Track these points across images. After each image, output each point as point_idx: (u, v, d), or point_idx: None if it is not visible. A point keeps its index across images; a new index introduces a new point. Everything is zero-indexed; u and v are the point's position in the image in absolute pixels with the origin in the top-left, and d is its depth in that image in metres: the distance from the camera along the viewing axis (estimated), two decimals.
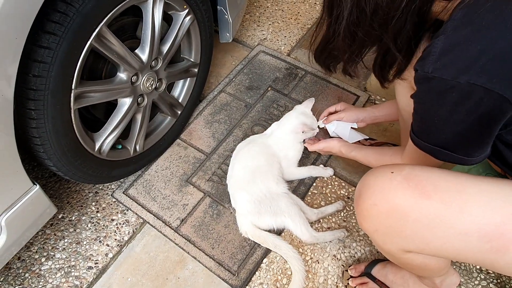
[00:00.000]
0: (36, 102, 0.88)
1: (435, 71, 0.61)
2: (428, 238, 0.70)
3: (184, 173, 1.41)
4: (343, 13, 0.70)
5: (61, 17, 0.84)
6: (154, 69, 1.20)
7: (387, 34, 0.69)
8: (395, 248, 0.79)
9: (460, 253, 0.70)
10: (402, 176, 0.70)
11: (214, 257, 1.21)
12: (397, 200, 0.70)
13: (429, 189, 0.68)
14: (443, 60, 0.60)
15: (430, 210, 0.67)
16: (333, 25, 0.74)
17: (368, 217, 0.76)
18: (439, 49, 0.60)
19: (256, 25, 1.94)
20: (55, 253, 1.22)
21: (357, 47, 0.76)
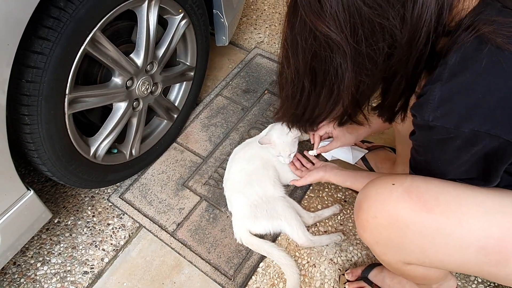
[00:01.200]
0: (30, 107, 0.87)
1: (435, 119, 0.59)
2: (428, 250, 0.70)
3: (180, 177, 1.40)
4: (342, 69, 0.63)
5: (54, 23, 0.84)
6: (149, 73, 1.20)
7: (398, 76, 0.65)
8: (395, 260, 0.78)
9: (460, 265, 0.70)
10: (403, 188, 0.70)
11: (210, 261, 1.21)
12: (397, 213, 0.69)
13: (430, 202, 0.67)
14: (443, 109, 0.58)
15: (430, 223, 0.67)
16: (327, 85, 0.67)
17: (368, 229, 0.76)
18: (437, 97, 0.59)
19: (253, 28, 1.94)
20: (51, 258, 1.22)
21: (363, 97, 0.70)
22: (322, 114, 0.74)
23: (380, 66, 0.62)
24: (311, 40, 0.62)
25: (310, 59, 0.65)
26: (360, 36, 0.59)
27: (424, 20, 0.57)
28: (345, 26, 0.59)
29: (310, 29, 0.62)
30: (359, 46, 0.60)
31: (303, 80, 0.69)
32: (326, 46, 0.62)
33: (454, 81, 0.58)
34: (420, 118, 0.61)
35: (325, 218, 1.29)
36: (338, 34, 0.59)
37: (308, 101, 0.72)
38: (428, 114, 0.60)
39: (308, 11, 0.61)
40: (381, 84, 0.69)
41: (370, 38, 0.59)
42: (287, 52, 0.68)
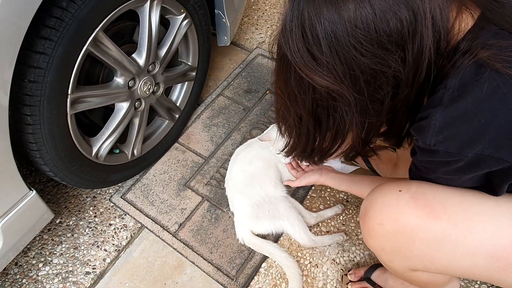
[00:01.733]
0: (32, 107, 0.87)
1: (438, 144, 0.59)
2: (435, 257, 0.70)
3: (182, 177, 1.40)
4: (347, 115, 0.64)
5: (57, 23, 0.84)
6: (151, 73, 1.19)
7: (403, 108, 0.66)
8: (402, 267, 0.78)
9: (467, 272, 0.70)
10: (410, 195, 0.69)
11: (212, 261, 1.21)
12: (404, 220, 0.69)
13: (437, 209, 0.67)
14: (445, 134, 0.58)
15: (437, 231, 0.66)
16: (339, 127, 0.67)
17: (374, 236, 0.75)
18: (438, 121, 0.58)
19: (255, 28, 1.94)
20: (53, 259, 1.22)
21: (370, 134, 0.70)
22: (330, 152, 0.75)
23: (386, 106, 0.63)
24: (311, 92, 0.62)
25: (312, 108, 0.65)
26: (361, 84, 0.59)
27: (424, 54, 0.57)
28: (344, 77, 0.59)
29: (308, 83, 0.61)
30: (361, 94, 0.60)
31: (307, 125, 0.69)
32: (327, 96, 0.62)
33: (455, 106, 0.57)
34: (422, 142, 0.61)
35: (327, 218, 1.28)
36: (339, 85, 0.59)
37: (314, 143, 0.73)
38: (430, 138, 0.59)
39: (302, 67, 0.60)
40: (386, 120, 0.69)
41: (373, 84, 0.59)
42: (285, 101, 0.68)
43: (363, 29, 0.56)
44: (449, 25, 0.58)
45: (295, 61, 0.60)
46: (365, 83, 0.59)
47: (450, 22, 0.58)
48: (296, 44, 0.60)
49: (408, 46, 0.57)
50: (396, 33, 0.56)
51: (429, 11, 0.56)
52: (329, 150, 0.75)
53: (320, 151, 0.76)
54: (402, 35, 0.56)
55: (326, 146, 0.73)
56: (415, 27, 0.56)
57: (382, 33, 0.56)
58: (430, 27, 0.56)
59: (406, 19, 0.55)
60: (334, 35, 0.57)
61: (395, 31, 0.56)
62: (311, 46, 0.58)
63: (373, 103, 0.62)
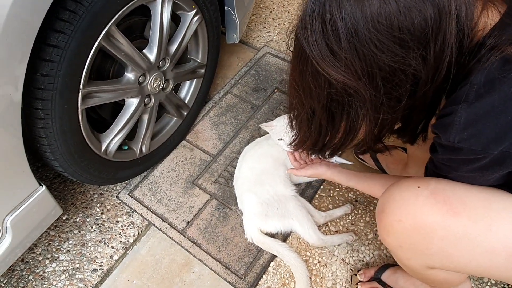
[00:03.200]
0: (44, 101, 0.86)
1: (462, 141, 0.58)
2: (454, 255, 0.68)
3: (190, 175, 1.39)
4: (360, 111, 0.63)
5: (71, 16, 0.83)
6: (161, 69, 1.18)
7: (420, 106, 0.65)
8: (419, 265, 0.77)
9: (485, 271, 0.69)
10: (429, 191, 0.68)
11: (220, 260, 1.20)
12: (424, 217, 0.68)
13: (457, 206, 0.66)
14: (470, 131, 0.57)
15: (457, 228, 0.65)
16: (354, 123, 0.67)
17: (392, 233, 0.74)
18: (463, 118, 0.57)
19: (262, 26, 1.93)
20: (59, 255, 1.21)
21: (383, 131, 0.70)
22: (342, 147, 0.74)
23: (403, 103, 0.62)
24: (327, 86, 0.61)
25: (327, 102, 0.64)
26: (379, 81, 0.58)
27: (446, 52, 0.56)
28: (362, 74, 0.58)
29: (325, 77, 0.60)
30: (378, 91, 0.59)
31: (320, 120, 0.68)
32: (343, 92, 0.61)
33: (481, 103, 0.56)
34: (445, 139, 0.60)
35: (337, 218, 1.28)
36: (356, 81, 0.58)
37: (325, 137, 0.72)
38: (454, 135, 0.58)
39: (320, 61, 0.59)
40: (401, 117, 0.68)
41: (391, 82, 0.59)
42: (299, 94, 0.67)
43: (386, 25, 0.55)
44: (473, 23, 0.57)
45: (312, 55, 0.60)
46: (382, 80, 0.58)
47: (474, 19, 0.57)
48: (315, 38, 0.59)
49: (430, 45, 0.56)
50: (420, 31, 0.55)
51: (454, 9, 0.55)
52: (341, 145, 0.74)
53: (332, 145, 0.75)
54: (426, 33, 0.55)
55: (337, 141, 0.73)
56: (439, 25, 0.55)
57: (405, 31, 0.55)
58: (454, 25, 0.55)
59: (431, 17, 0.54)
60: (355, 30, 0.56)
61: (419, 28, 0.55)
62: (331, 41, 0.58)
63: (390, 100, 0.61)
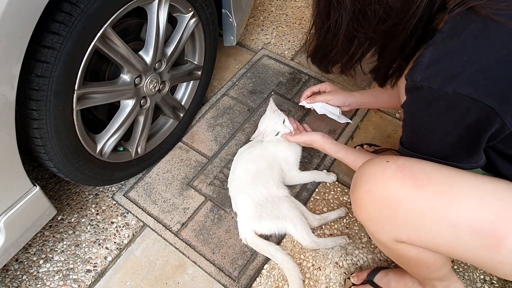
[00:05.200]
0: (39, 102, 0.87)
1: (423, 80, 0.62)
2: (419, 228, 0.71)
3: (185, 177, 1.39)
4: (342, 19, 0.70)
5: (66, 17, 0.83)
6: (157, 71, 1.19)
7: (393, 42, 0.70)
8: (387, 238, 0.79)
9: (451, 247, 0.71)
10: (397, 166, 0.72)
11: (214, 262, 1.20)
12: (389, 189, 0.71)
13: (422, 180, 0.69)
14: (431, 70, 0.61)
15: (421, 201, 0.69)
16: (331, 30, 0.74)
17: (362, 205, 0.78)
18: (427, 59, 0.62)
19: (260, 29, 1.94)
20: (54, 256, 1.21)
21: (356, 51, 0.76)
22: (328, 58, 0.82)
23: (373, 27, 0.68)
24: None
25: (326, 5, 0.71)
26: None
27: None
28: None
29: None
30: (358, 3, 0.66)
31: (321, 21, 0.75)
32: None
33: (444, 45, 0.61)
34: (410, 80, 0.64)
35: (331, 221, 1.28)
36: None
37: (320, 42, 0.80)
38: (417, 75, 0.63)
39: None
40: (375, 46, 0.75)
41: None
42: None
43: None
44: None
45: None
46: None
47: None
48: None
49: None
50: None
51: None
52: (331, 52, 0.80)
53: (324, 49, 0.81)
54: None
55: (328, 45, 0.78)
56: None
57: None
58: None
59: None
60: None
61: None
62: None
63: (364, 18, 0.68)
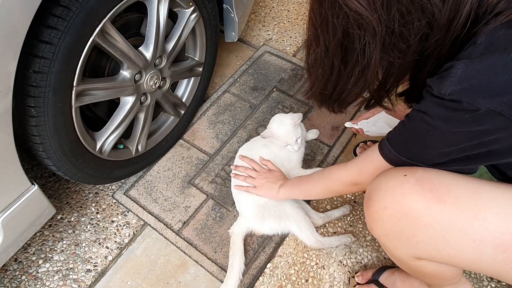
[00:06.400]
0: (36, 99, 0.84)
1: (453, 93, 0.56)
2: (441, 245, 0.68)
3: (186, 175, 1.37)
4: (370, 49, 0.60)
5: (64, 12, 0.81)
6: (158, 67, 1.17)
7: (432, 60, 0.62)
8: (406, 255, 0.76)
9: (473, 262, 0.68)
10: (415, 179, 0.68)
11: (216, 261, 1.18)
12: (409, 204, 0.67)
13: (443, 194, 0.65)
14: (463, 84, 0.56)
15: (443, 216, 0.65)
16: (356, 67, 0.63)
17: (378, 220, 0.74)
18: (460, 72, 0.55)
19: (262, 25, 1.91)
20: (53, 255, 1.19)
21: (388, 80, 0.67)
22: (350, 96, 0.70)
23: (413, 46, 0.59)
24: (342, 16, 0.59)
25: (341, 36, 0.61)
26: (394, 14, 0.56)
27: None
28: (378, 2, 0.55)
29: (340, 6, 0.58)
30: (392, 25, 0.56)
31: (333, 59, 0.65)
32: (355, 23, 0.58)
33: (482, 60, 0.55)
34: (437, 91, 0.58)
35: (335, 219, 1.26)
36: (370, 11, 0.56)
37: (336, 81, 0.68)
38: (447, 87, 0.56)
39: None
40: (411, 69, 0.65)
41: (406, 17, 0.56)
42: (316, 30, 0.64)
43: None
44: None
45: None
46: (398, 13, 0.56)
47: None
48: None
49: None
50: None
51: None
52: (349, 96, 0.71)
53: (340, 94, 0.72)
54: None
55: (347, 89, 0.69)
56: None
57: None
58: None
59: None
60: None
61: None
62: None
63: (400, 40, 0.58)
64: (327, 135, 1.47)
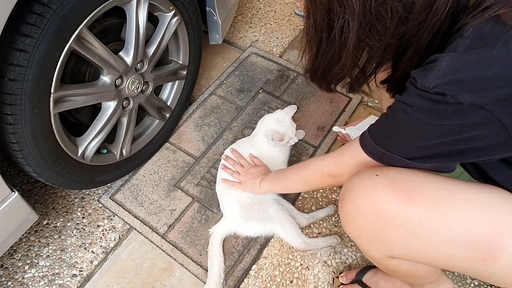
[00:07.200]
0: (13, 106, 0.85)
1: (437, 86, 0.55)
2: (413, 244, 0.69)
3: (172, 178, 1.38)
4: (349, 26, 0.59)
5: (38, 19, 0.81)
6: (139, 71, 1.17)
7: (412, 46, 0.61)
8: (380, 254, 0.77)
9: (446, 261, 0.69)
10: (387, 179, 0.68)
11: (201, 264, 1.18)
12: (380, 204, 0.68)
13: (414, 194, 0.66)
14: (448, 78, 0.55)
15: (414, 216, 0.66)
16: (335, 42, 0.62)
17: (351, 220, 0.75)
18: (445, 65, 0.55)
19: (248, 26, 1.91)
20: (39, 261, 1.19)
21: (369, 63, 0.66)
22: (331, 75, 0.69)
23: (390, 30, 0.58)
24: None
25: (325, 11, 0.61)
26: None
27: None
28: None
29: None
30: (369, 4, 0.56)
31: (321, 33, 0.64)
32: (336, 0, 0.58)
33: (469, 54, 0.54)
34: (420, 84, 0.57)
35: (320, 220, 1.26)
36: None
37: (321, 57, 0.67)
38: (431, 80, 0.56)
39: None
40: (391, 55, 0.64)
41: None
42: (308, 5, 0.64)
43: None
44: None
45: None
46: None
47: None
48: None
49: None
50: None
51: None
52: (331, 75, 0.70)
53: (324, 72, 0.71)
54: None
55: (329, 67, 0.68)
56: None
57: None
58: None
59: None
60: None
61: None
62: None
63: (378, 21, 0.58)
64: (313, 135, 1.47)
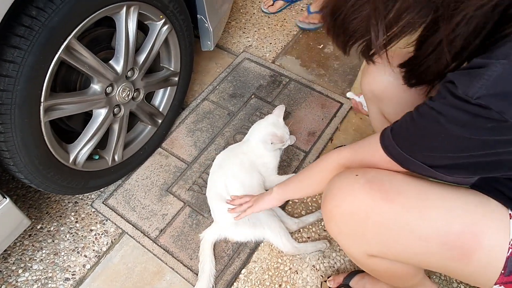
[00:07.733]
0: (3, 116, 0.87)
1: (482, 97, 0.49)
2: (389, 242, 0.71)
3: (164, 183, 1.40)
4: None
5: (26, 31, 0.83)
6: (130, 79, 1.19)
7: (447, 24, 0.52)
8: (359, 252, 0.79)
9: (422, 259, 0.71)
10: (366, 179, 0.70)
11: (192, 268, 1.20)
12: (358, 202, 0.70)
13: (391, 194, 0.68)
14: (497, 89, 0.48)
15: (390, 214, 0.68)
16: None
17: (332, 219, 0.77)
18: (496, 74, 0.48)
19: (242, 31, 1.93)
20: (33, 264, 1.22)
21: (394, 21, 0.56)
22: (355, 24, 0.61)
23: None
24: None
25: None
26: None
27: None
28: None
29: None
30: None
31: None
32: None
33: None
34: (463, 91, 0.51)
35: (309, 224, 1.28)
36: None
37: (343, 20, 0.61)
38: (477, 89, 0.49)
39: None
40: (424, 21, 0.55)
41: None
42: None
43: None
44: None
45: None
46: None
47: None
48: None
49: None
50: None
51: None
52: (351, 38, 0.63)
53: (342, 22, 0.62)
54: None
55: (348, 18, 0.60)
56: None
57: None
58: None
59: None
60: None
61: None
62: None
63: None
64: (303, 141, 1.49)
